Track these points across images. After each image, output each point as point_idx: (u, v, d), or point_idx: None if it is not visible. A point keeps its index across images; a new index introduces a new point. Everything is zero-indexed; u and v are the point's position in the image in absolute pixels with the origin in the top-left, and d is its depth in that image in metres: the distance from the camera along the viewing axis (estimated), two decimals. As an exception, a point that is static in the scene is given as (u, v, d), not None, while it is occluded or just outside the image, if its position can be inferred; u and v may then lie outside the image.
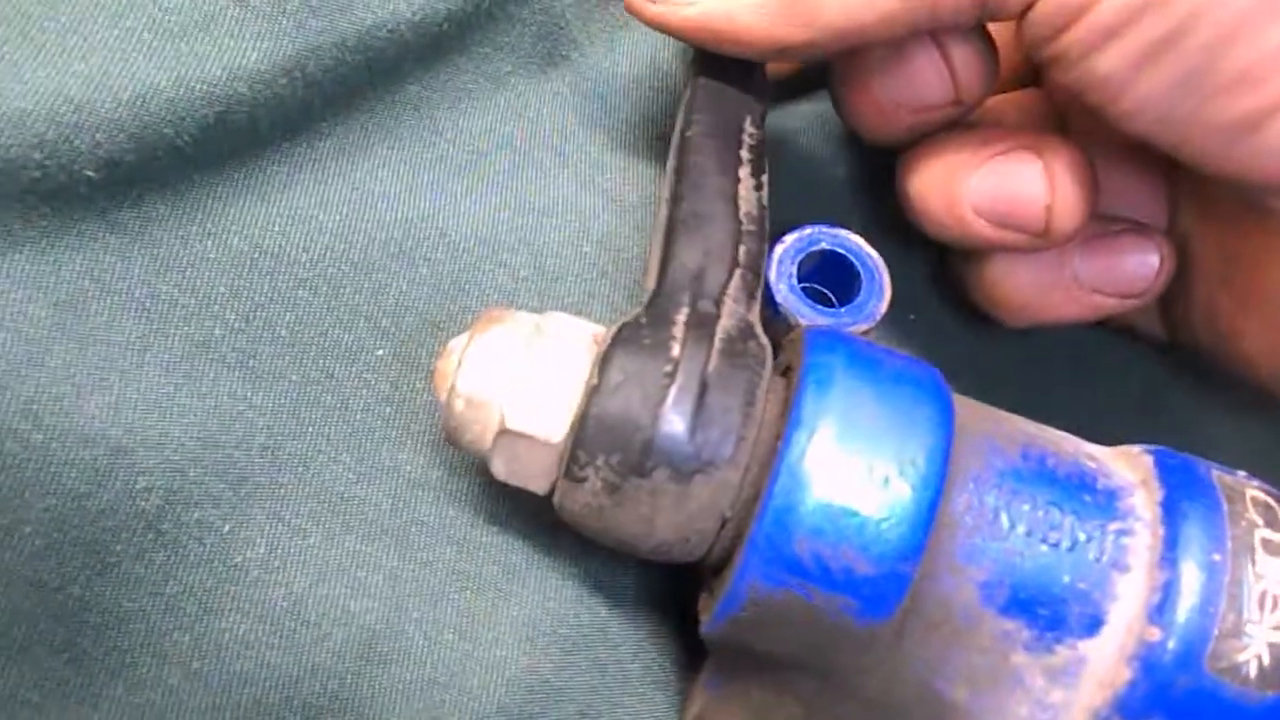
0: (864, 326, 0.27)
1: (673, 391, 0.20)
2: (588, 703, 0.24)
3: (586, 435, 0.21)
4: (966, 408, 0.22)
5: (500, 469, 0.22)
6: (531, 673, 0.23)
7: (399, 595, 0.23)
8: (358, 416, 0.24)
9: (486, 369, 0.21)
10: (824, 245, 0.28)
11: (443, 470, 0.24)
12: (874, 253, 0.28)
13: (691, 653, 0.25)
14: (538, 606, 0.24)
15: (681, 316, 0.22)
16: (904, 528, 0.20)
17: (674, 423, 0.20)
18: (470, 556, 0.24)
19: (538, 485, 0.22)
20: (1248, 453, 0.30)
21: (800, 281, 0.28)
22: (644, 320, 0.22)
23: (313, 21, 0.24)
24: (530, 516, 0.24)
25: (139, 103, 0.22)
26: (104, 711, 0.21)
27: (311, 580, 0.22)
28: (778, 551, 0.20)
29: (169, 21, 0.23)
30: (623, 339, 0.21)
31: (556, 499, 0.22)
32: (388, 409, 0.24)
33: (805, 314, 0.27)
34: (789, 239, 0.28)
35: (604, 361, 0.21)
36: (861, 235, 0.28)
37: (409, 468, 0.24)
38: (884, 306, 0.27)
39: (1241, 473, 0.22)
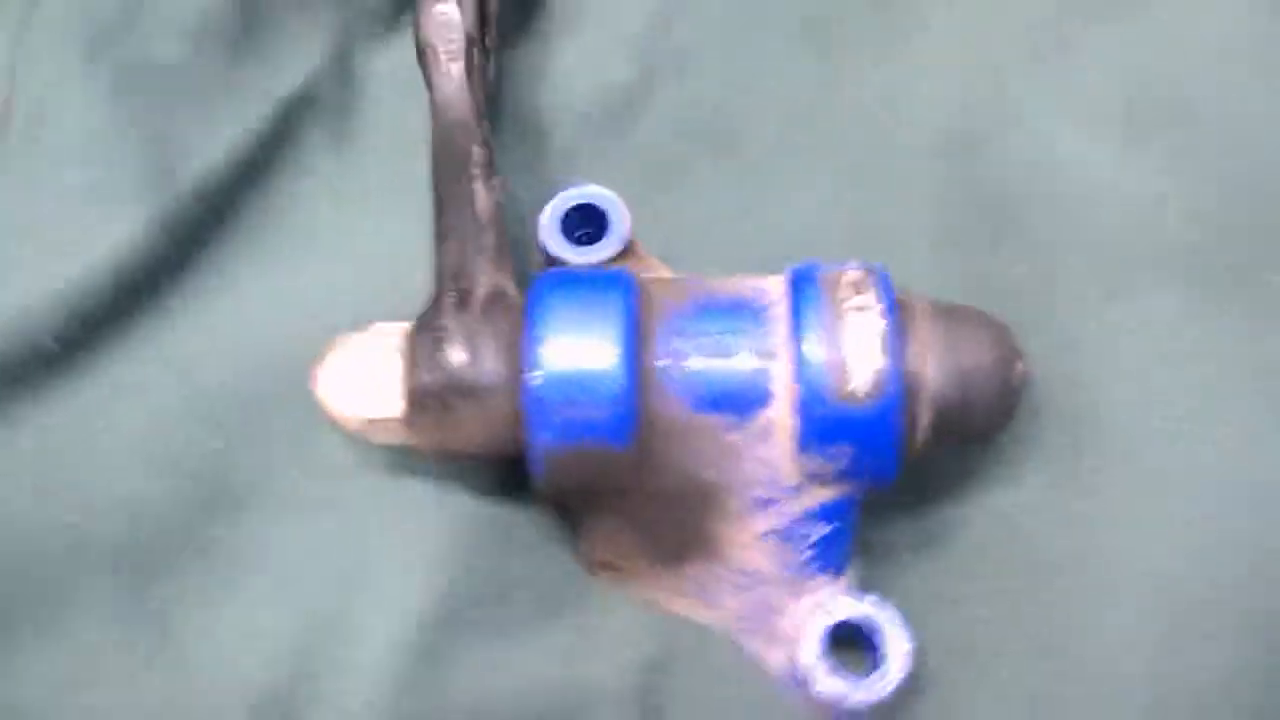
0: (612, 252, 0.36)
1: (451, 348, 0.31)
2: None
3: (414, 399, 0.31)
4: (658, 284, 0.32)
5: (376, 440, 0.33)
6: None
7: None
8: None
9: (336, 386, 0.32)
10: (575, 200, 0.38)
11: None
12: (612, 195, 0.37)
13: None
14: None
15: (450, 300, 0.32)
16: (615, 380, 0.29)
17: (458, 368, 0.31)
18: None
19: (403, 440, 0.32)
20: None
21: (576, 230, 0.38)
22: (428, 311, 0.32)
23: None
24: None
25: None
26: None
27: None
28: (549, 424, 0.30)
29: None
30: (417, 328, 0.32)
31: (413, 443, 0.32)
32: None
33: (567, 256, 0.36)
34: (550, 203, 0.37)
35: (409, 349, 0.31)
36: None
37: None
38: (625, 232, 0.36)
39: (851, 263, 0.32)
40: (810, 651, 0.31)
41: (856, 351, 0.29)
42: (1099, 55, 0.41)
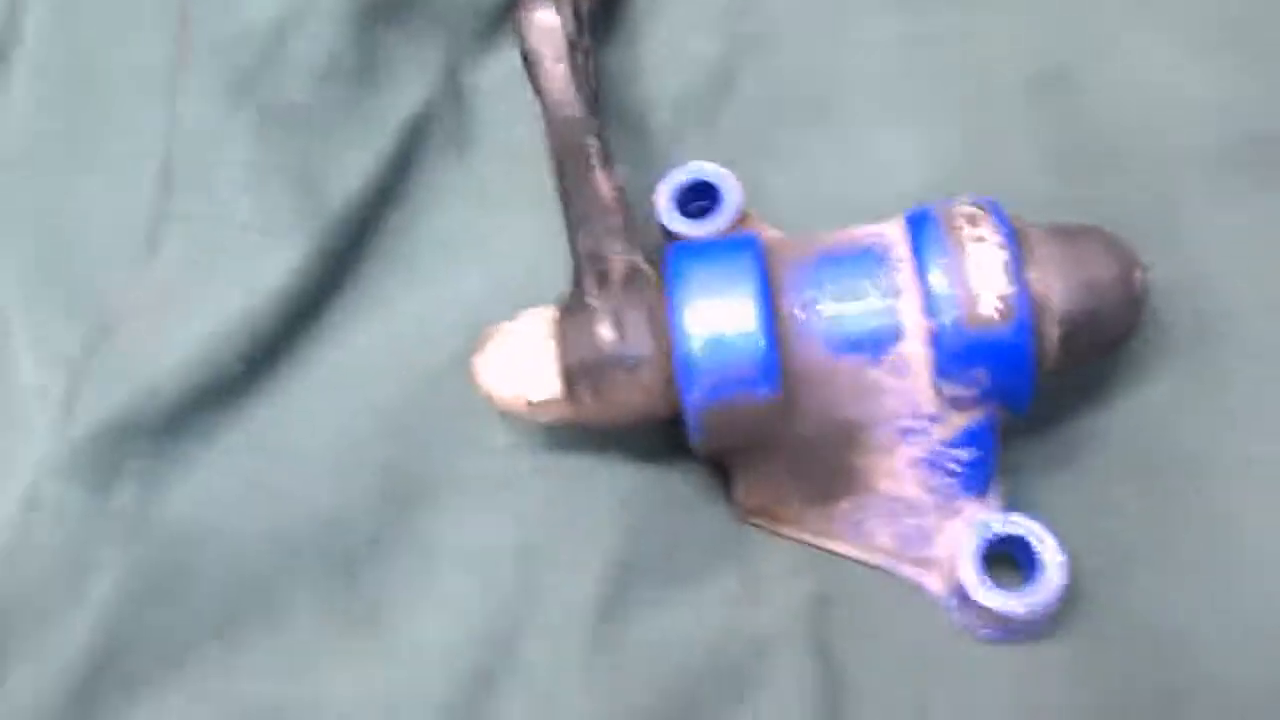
0: (728, 222, 0.38)
1: (599, 326, 0.33)
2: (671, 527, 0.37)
3: (570, 377, 0.33)
4: (782, 243, 0.34)
5: (540, 418, 0.35)
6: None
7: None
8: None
9: (497, 373, 0.34)
10: (686, 178, 0.40)
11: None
12: (722, 169, 0.39)
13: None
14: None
15: (591, 282, 0.34)
16: (757, 336, 0.32)
17: (609, 343, 0.33)
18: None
19: (566, 416, 0.35)
20: None
21: (690, 206, 0.40)
22: (572, 293, 0.34)
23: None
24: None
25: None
26: None
27: None
28: (701, 384, 0.32)
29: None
30: (564, 310, 0.34)
31: (574, 418, 0.35)
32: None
33: (687, 231, 0.39)
34: (663, 182, 0.40)
35: (559, 331, 0.34)
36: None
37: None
38: (738, 202, 0.38)
39: (962, 197, 0.33)
40: (969, 569, 0.33)
41: (981, 279, 0.31)
42: None
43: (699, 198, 0.40)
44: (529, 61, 0.39)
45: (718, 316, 0.32)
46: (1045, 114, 0.41)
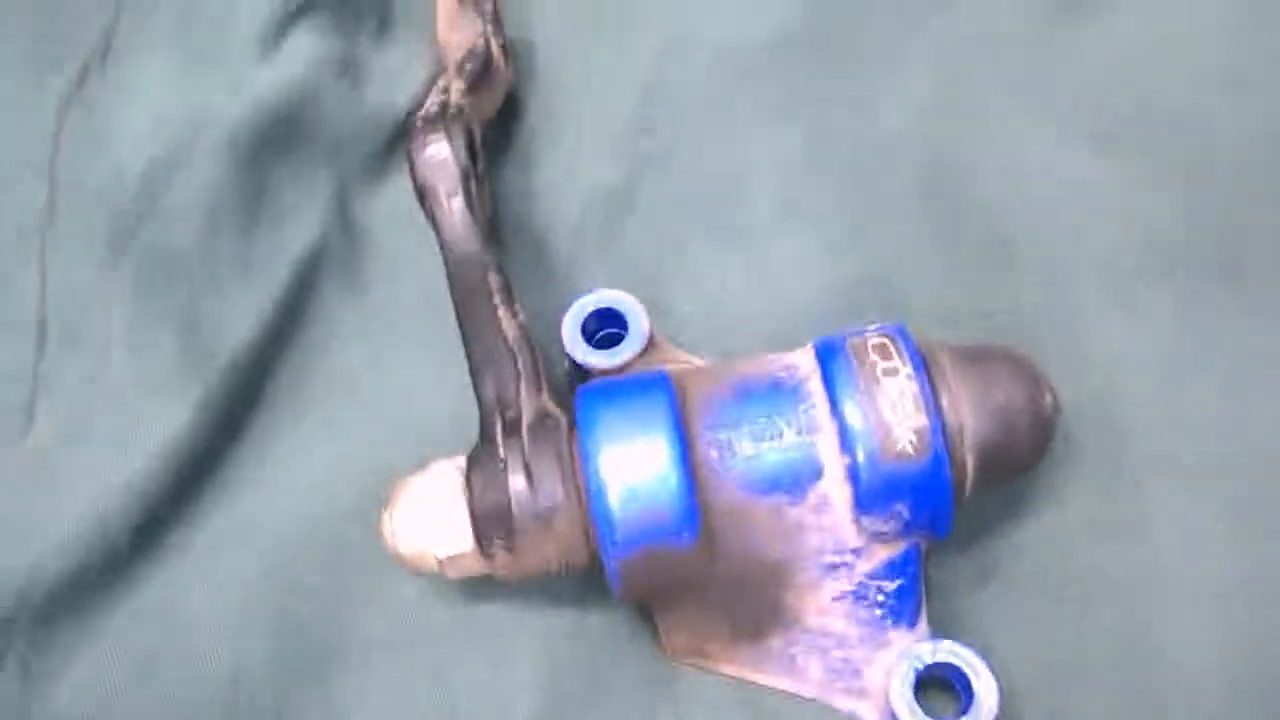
0: (635, 352, 0.37)
1: (510, 478, 0.32)
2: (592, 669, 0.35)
3: (481, 532, 0.32)
4: (693, 377, 0.33)
5: (452, 575, 0.34)
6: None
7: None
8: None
9: (406, 531, 0.33)
10: (590, 307, 0.39)
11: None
12: (627, 297, 0.39)
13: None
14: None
15: (499, 430, 0.33)
16: (671, 480, 0.31)
17: (519, 496, 0.32)
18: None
19: (479, 571, 0.33)
20: None
21: (596, 332, 0.39)
22: (480, 445, 0.33)
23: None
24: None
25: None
26: None
27: None
28: (620, 536, 0.31)
29: None
30: (472, 462, 0.33)
31: (488, 573, 0.33)
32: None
33: (594, 362, 0.38)
34: (568, 313, 0.39)
35: (467, 483, 0.32)
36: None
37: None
38: (644, 330, 0.38)
39: (872, 328, 0.33)
40: (901, 701, 0.32)
41: (895, 413, 0.31)
42: (1066, 72, 0.42)
43: (605, 323, 0.39)
44: (423, 195, 0.38)
45: (634, 466, 0.31)
46: (943, 217, 0.41)
